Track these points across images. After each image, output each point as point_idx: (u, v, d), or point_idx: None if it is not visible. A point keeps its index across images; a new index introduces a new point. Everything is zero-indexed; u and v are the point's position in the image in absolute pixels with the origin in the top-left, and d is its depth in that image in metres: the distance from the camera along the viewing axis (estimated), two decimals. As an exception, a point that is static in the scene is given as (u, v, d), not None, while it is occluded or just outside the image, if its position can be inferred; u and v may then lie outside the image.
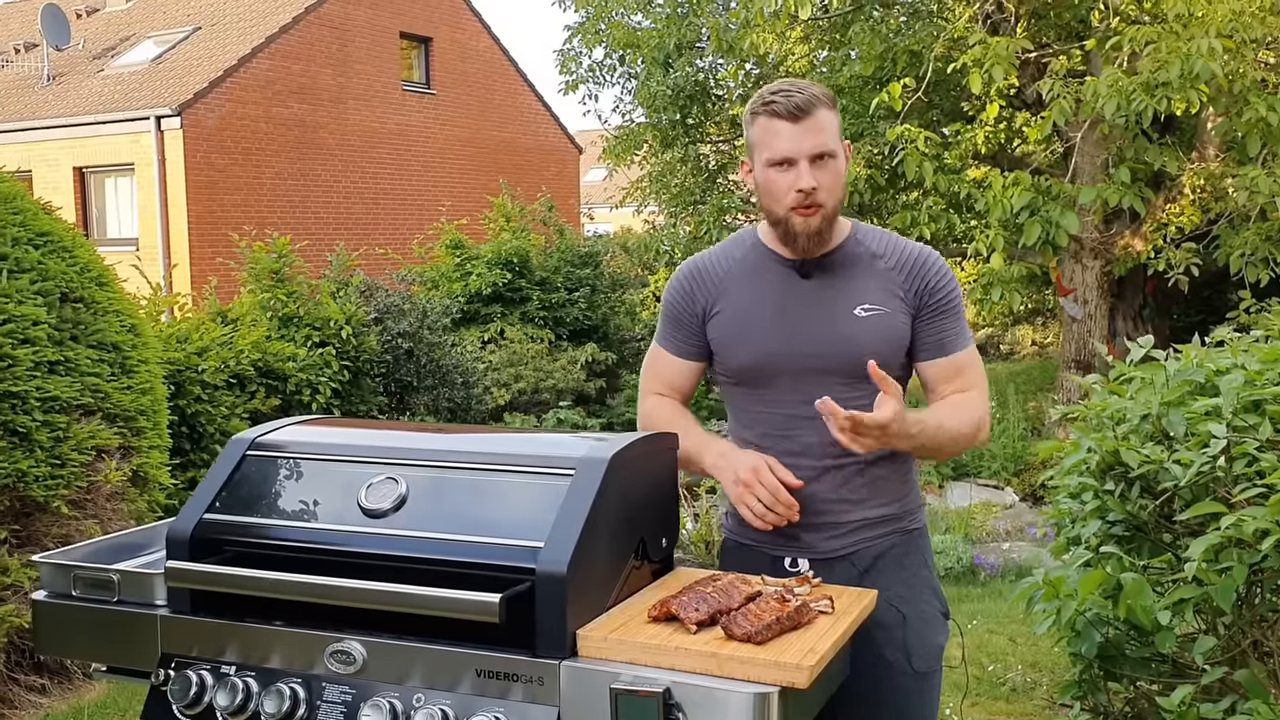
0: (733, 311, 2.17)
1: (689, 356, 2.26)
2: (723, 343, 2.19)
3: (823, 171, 2.05)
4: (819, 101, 2.06)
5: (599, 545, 1.67)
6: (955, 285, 2.17)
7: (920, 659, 2.11)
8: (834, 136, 2.08)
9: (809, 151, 2.04)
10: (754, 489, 2.03)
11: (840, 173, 2.10)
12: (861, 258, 2.15)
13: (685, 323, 2.24)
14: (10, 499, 4.33)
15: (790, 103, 2.04)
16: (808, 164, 2.04)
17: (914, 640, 2.10)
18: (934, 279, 2.14)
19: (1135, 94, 7.06)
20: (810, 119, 2.04)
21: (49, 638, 1.95)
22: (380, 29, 18.66)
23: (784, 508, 2.02)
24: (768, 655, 1.52)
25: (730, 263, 2.22)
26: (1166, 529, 3.00)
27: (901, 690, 2.10)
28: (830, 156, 2.06)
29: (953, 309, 2.15)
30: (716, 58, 11.93)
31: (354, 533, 1.75)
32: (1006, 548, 7.28)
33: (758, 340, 2.14)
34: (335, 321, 8.73)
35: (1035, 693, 4.24)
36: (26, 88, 18.24)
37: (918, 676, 2.12)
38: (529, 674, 1.58)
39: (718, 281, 2.21)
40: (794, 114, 2.04)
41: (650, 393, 2.32)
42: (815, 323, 2.11)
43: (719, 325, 2.19)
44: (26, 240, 4.64)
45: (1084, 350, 10.12)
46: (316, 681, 1.70)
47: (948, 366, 2.15)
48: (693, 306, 2.22)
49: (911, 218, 9.37)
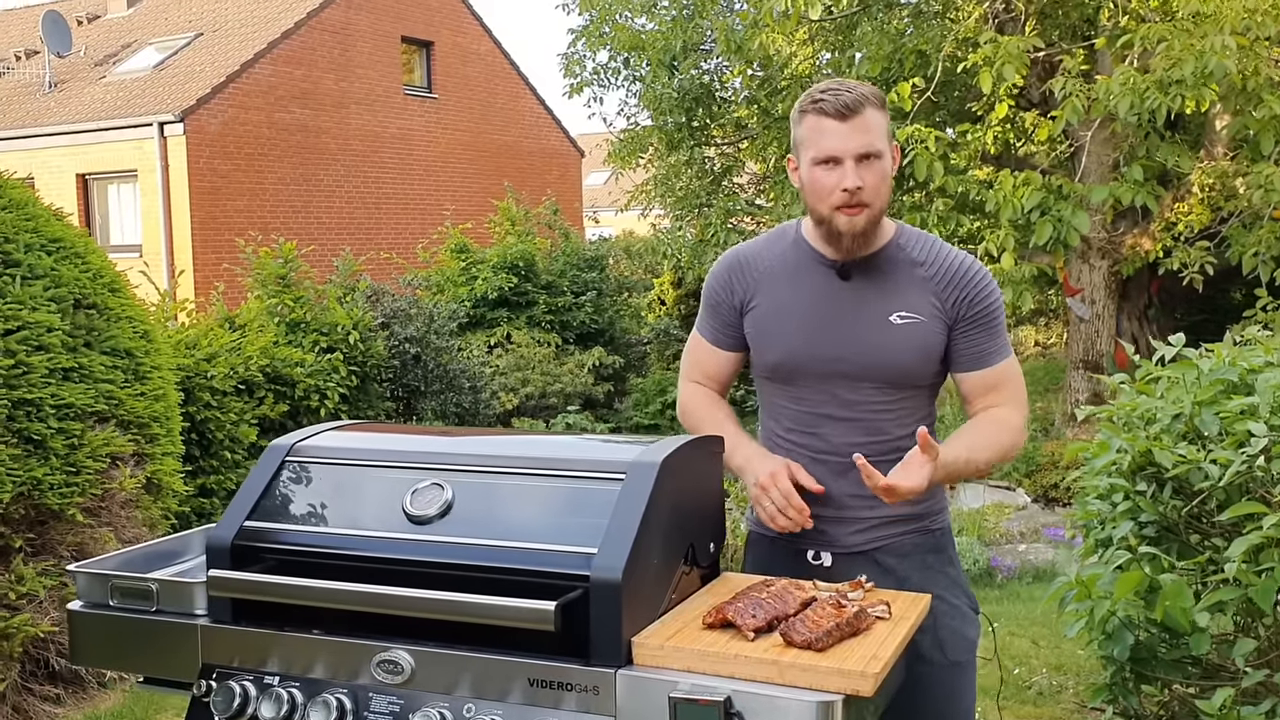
0: (769, 307, 2.18)
1: (726, 347, 2.27)
2: (757, 337, 2.20)
3: (868, 171, 2.03)
4: (867, 101, 2.04)
5: (652, 551, 1.64)
6: (996, 297, 2.16)
7: (954, 650, 2.12)
8: (881, 136, 2.06)
9: (855, 151, 2.02)
10: (769, 492, 2.04)
11: (886, 173, 2.07)
12: (902, 264, 2.14)
13: (723, 313, 2.25)
14: (25, 507, 4.29)
15: (839, 101, 2.02)
16: (854, 163, 2.02)
17: (946, 633, 2.10)
18: (974, 291, 2.12)
19: (1149, 92, 7.03)
20: (858, 118, 2.02)
21: (85, 648, 1.91)
22: (382, 33, 18.65)
23: (795, 513, 2.03)
24: (830, 663, 1.49)
25: (772, 257, 2.21)
26: (1199, 531, 2.97)
27: (940, 683, 2.09)
28: (876, 157, 2.04)
29: (991, 322, 2.14)
30: (722, 60, 11.91)
31: (399, 540, 1.72)
32: (1022, 549, 7.24)
33: (791, 338, 2.14)
34: (342, 327, 8.70)
35: (1063, 696, 4.20)
36: (28, 95, 18.22)
37: (953, 668, 2.12)
38: (583, 683, 1.55)
39: (758, 275, 2.20)
40: (842, 113, 2.02)
41: (688, 380, 2.34)
42: (849, 326, 2.11)
43: (755, 319, 2.20)
44: (39, 247, 4.61)
45: (1092, 350, 10.09)
46: (363, 692, 1.66)
47: (984, 380, 2.14)
48: (731, 298, 2.23)
49: (921, 219, 9.33)
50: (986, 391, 2.14)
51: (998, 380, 2.14)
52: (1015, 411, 2.15)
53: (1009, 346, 2.18)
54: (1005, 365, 2.15)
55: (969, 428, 2.15)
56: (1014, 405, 2.15)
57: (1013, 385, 2.16)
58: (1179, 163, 8.44)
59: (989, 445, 2.10)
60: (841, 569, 2.11)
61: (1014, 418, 2.14)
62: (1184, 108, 7.20)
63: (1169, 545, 3.08)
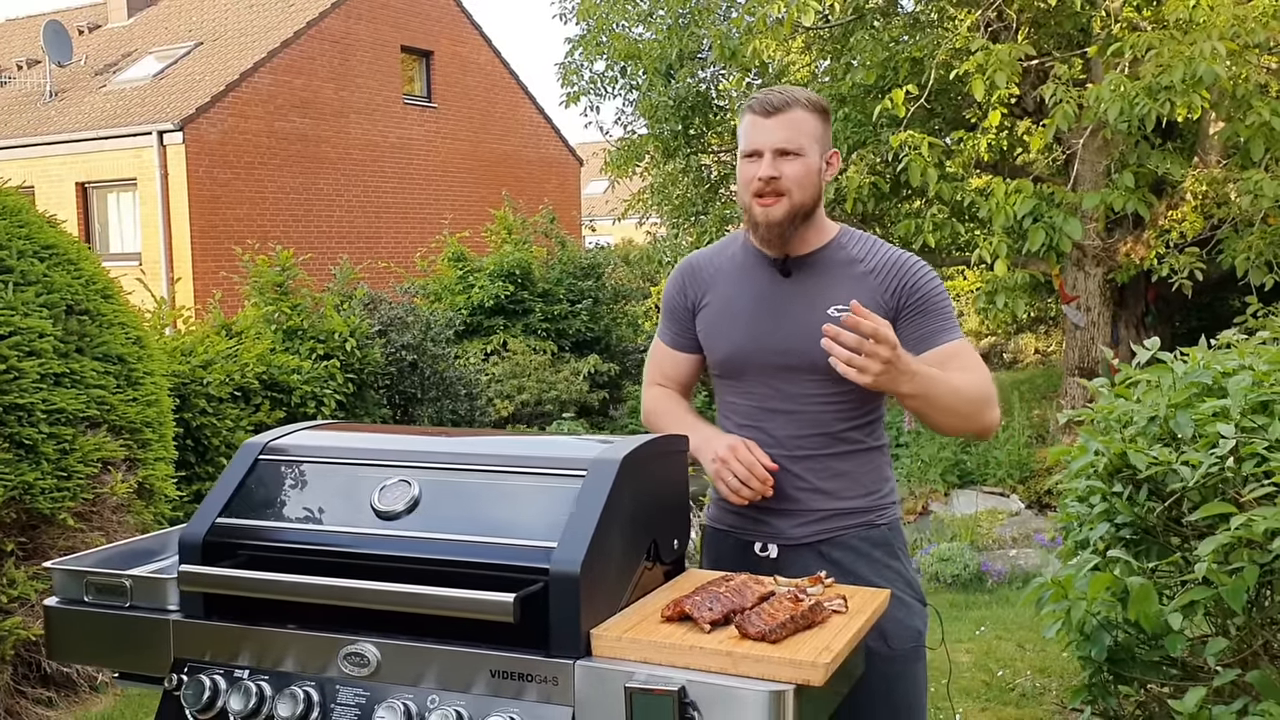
0: (717, 306, 2.28)
1: (682, 349, 2.37)
2: (706, 335, 2.30)
3: (788, 164, 2.13)
4: (797, 103, 2.14)
5: (612, 546, 1.67)
6: (935, 285, 2.20)
7: (898, 639, 2.14)
8: (807, 135, 2.14)
9: (775, 144, 2.13)
10: (730, 464, 2.10)
11: (809, 170, 2.15)
12: (842, 261, 2.21)
13: (679, 316, 2.36)
14: (16, 511, 4.33)
15: (766, 100, 2.14)
16: (772, 155, 2.13)
17: (890, 623, 2.09)
18: (910, 278, 2.18)
19: (1138, 98, 7.07)
20: (783, 115, 2.13)
21: (61, 644, 1.94)
22: (381, 43, 18.72)
23: (759, 482, 2.09)
24: (783, 653, 1.52)
25: (722, 259, 2.32)
26: (1175, 531, 2.99)
27: (884, 674, 2.11)
28: (797, 153, 2.13)
29: (934, 306, 2.18)
30: (718, 68, 11.95)
31: (367, 535, 1.75)
32: (1013, 555, 7.27)
33: (734, 334, 2.23)
34: (339, 334, 8.75)
35: (1044, 698, 4.22)
36: (29, 104, 18.30)
37: (897, 658, 2.14)
38: (543, 674, 1.58)
39: (708, 277, 2.31)
40: (767, 110, 2.14)
41: (651, 383, 2.44)
42: (789, 320, 2.18)
43: (704, 318, 2.30)
44: (32, 253, 4.65)
45: (1087, 358, 10.11)
46: (330, 684, 1.69)
47: (937, 356, 2.14)
48: (684, 300, 2.34)
49: (916, 226, 9.37)
50: (943, 364, 2.13)
51: (951, 354, 2.15)
52: (981, 376, 2.15)
53: (957, 329, 2.20)
54: (956, 343, 2.17)
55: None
56: (977, 372, 2.15)
57: (969, 356, 2.18)
58: (1171, 170, 8.47)
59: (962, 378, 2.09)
60: (787, 561, 2.16)
61: (981, 379, 2.14)
62: (1174, 114, 7.23)
63: (1147, 546, 3.11)
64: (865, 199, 9.79)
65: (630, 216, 14.36)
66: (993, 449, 9.58)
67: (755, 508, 2.16)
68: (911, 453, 10.32)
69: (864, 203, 9.86)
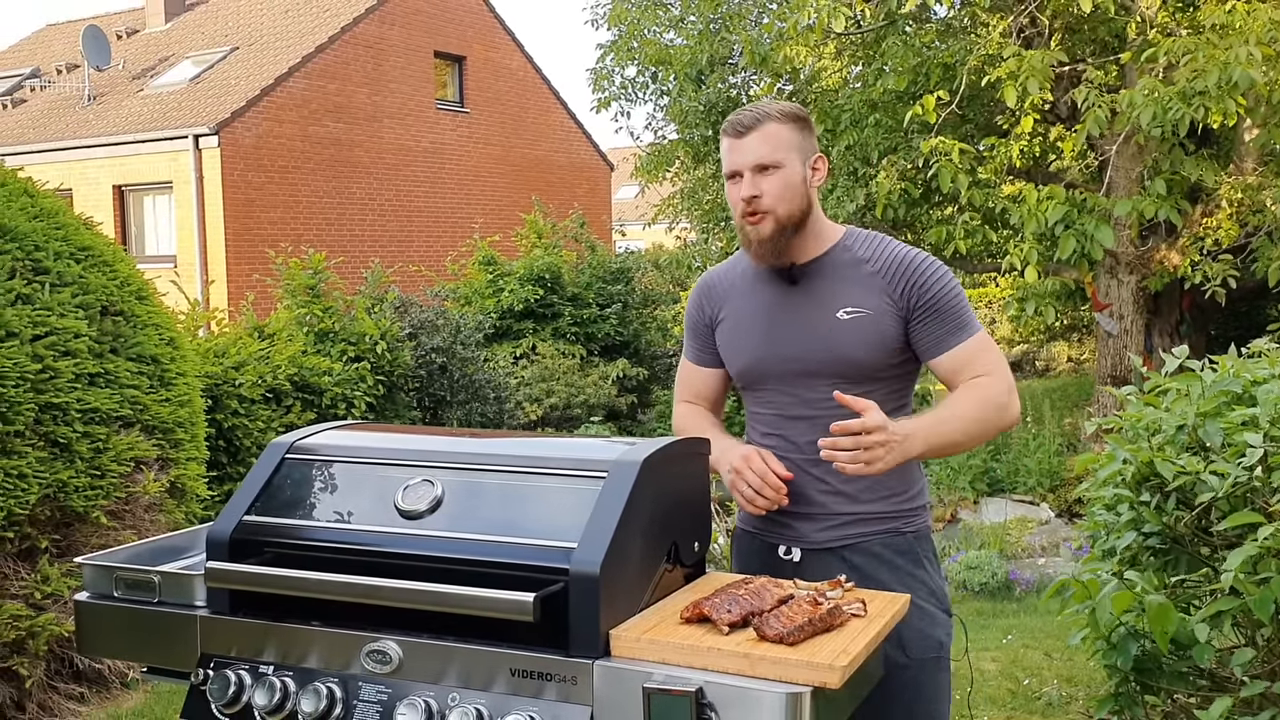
0: (732, 320, 2.32)
1: (706, 364, 2.41)
2: (725, 349, 2.34)
3: (766, 180, 2.16)
4: (769, 117, 2.17)
5: (631, 547, 1.69)
6: (946, 282, 2.20)
7: (917, 648, 2.14)
8: (782, 147, 2.16)
9: (751, 163, 2.16)
10: (744, 474, 2.12)
11: (790, 182, 2.17)
12: (848, 263, 2.23)
13: (700, 332, 2.40)
14: (51, 509, 4.39)
15: (738, 121, 2.18)
16: (750, 174, 2.16)
17: (908, 631, 2.09)
18: (921, 279, 2.18)
19: (1171, 103, 7.00)
20: (755, 133, 2.16)
21: (91, 638, 1.98)
22: (414, 48, 18.84)
23: (772, 491, 2.11)
24: (800, 656, 1.53)
25: (734, 275, 2.36)
26: (1204, 541, 2.97)
27: (904, 683, 2.12)
28: (775, 167, 2.16)
29: (947, 305, 2.18)
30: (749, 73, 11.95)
31: (391, 534, 1.78)
32: (1042, 563, 7.22)
33: (750, 345, 2.27)
34: (370, 337, 8.81)
35: (1071, 707, 4.20)
36: (68, 108, 18.54)
37: (918, 667, 2.14)
38: (562, 673, 1.59)
39: (722, 293, 2.35)
40: (739, 131, 2.18)
41: (680, 400, 2.48)
42: (798, 327, 2.21)
43: (722, 332, 2.34)
44: (68, 255, 4.72)
45: (1120, 366, 10.02)
46: (353, 681, 1.72)
47: (955, 359, 2.18)
48: (703, 317, 2.38)
49: (947, 233, 9.32)
50: (961, 369, 2.19)
51: (967, 358, 2.18)
52: (995, 380, 2.18)
53: (974, 324, 2.21)
54: (972, 342, 2.19)
55: (946, 399, 2.20)
56: (993, 374, 2.18)
57: (985, 358, 2.19)
58: (1205, 176, 8.38)
59: (965, 404, 2.14)
60: (810, 565, 2.17)
61: (994, 384, 2.17)
62: (1209, 120, 7.16)
63: (1175, 556, 3.09)
64: (896, 205, 9.75)
65: (660, 221, 14.37)
66: (1023, 457, 9.52)
67: (779, 511, 2.17)
68: (940, 459, 10.27)
69: (894, 208, 9.83)
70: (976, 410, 2.14)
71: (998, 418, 2.17)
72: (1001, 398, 2.16)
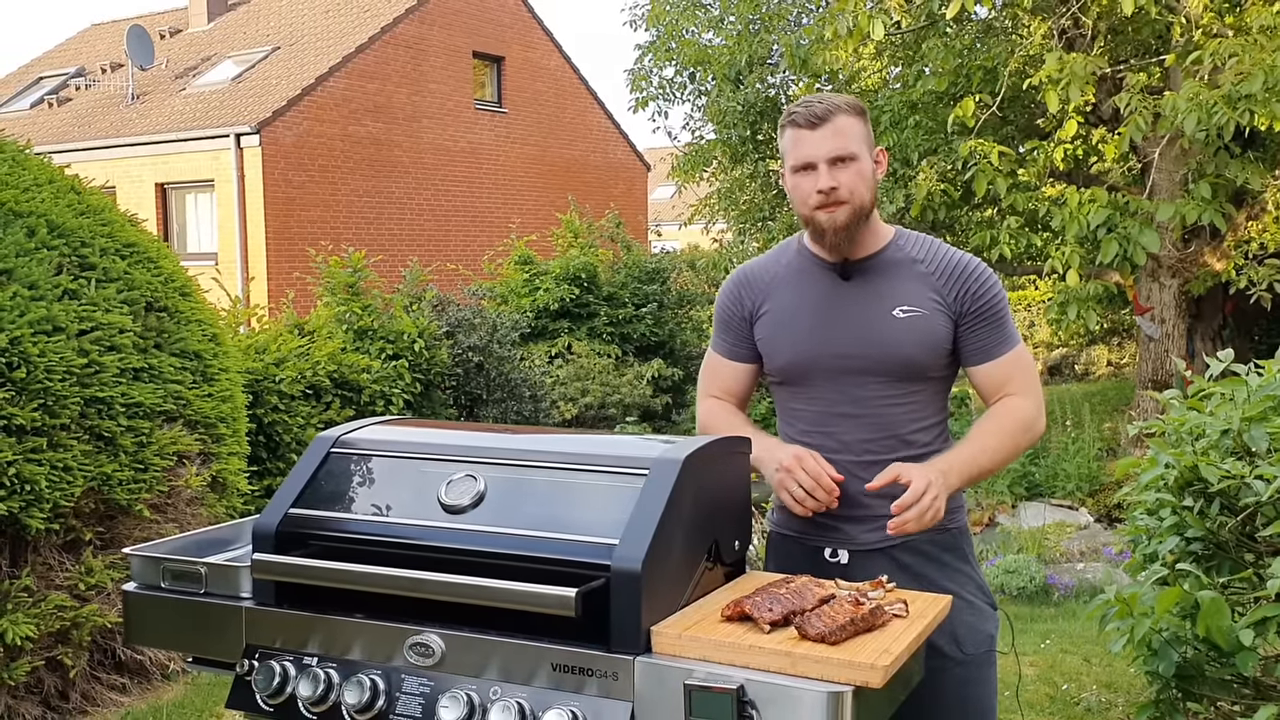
0: (776, 312, 2.28)
1: (739, 359, 2.37)
2: (767, 342, 2.30)
3: (843, 172, 2.15)
4: (839, 109, 2.16)
5: (673, 544, 1.69)
6: (997, 291, 2.23)
7: (971, 644, 2.16)
8: (855, 140, 2.16)
9: (827, 155, 2.14)
10: (795, 474, 2.10)
11: (864, 174, 2.17)
12: (902, 262, 2.23)
13: (734, 326, 2.35)
14: (95, 501, 4.45)
15: (809, 112, 2.15)
16: (827, 166, 2.14)
17: (962, 628, 2.13)
18: (974, 285, 2.20)
19: (1216, 107, 6.92)
20: (828, 125, 2.14)
21: (138, 628, 2.01)
22: (453, 49, 18.94)
23: (824, 493, 2.09)
24: (842, 655, 1.53)
25: (777, 267, 2.33)
26: (1248, 547, 2.94)
27: (959, 678, 2.13)
28: (851, 159, 2.15)
29: (995, 313, 2.21)
30: (788, 74, 11.92)
31: (434, 528, 1.79)
32: (1081, 568, 7.15)
33: (798, 339, 2.24)
34: (408, 335, 8.87)
35: (1110, 713, 4.16)
36: (112, 106, 18.79)
37: (971, 663, 2.16)
38: (604, 669, 1.60)
39: (765, 285, 2.31)
40: (812, 122, 2.15)
41: (706, 395, 2.43)
42: (852, 323, 2.19)
43: (764, 326, 2.30)
44: (114, 251, 4.78)
45: (1161, 370, 9.91)
46: (396, 673, 1.73)
47: (994, 372, 2.22)
48: (741, 310, 2.34)
49: (991, 236, 9.25)
50: (1000, 384, 2.23)
51: (1009, 371, 2.22)
52: (1026, 399, 2.22)
53: (1015, 335, 2.26)
54: (1013, 355, 2.23)
55: (978, 426, 2.23)
56: (1025, 393, 2.23)
57: (1022, 374, 2.24)
58: (1250, 180, 8.27)
59: (998, 434, 2.19)
60: (858, 566, 2.16)
61: (1025, 406, 2.22)
62: (1255, 123, 7.07)
63: (1220, 562, 3.05)
64: (935, 206, 9.70)
65: (697, 222, 14.36)
66: (1062, 461, 9.43)
67: (824, 513, 2.15)
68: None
69: (934, 210, 9.77)
70: (1009, 440, 2.19)
71: (1026, 440, 2.23)
72: (1029, 417, 2.22)
